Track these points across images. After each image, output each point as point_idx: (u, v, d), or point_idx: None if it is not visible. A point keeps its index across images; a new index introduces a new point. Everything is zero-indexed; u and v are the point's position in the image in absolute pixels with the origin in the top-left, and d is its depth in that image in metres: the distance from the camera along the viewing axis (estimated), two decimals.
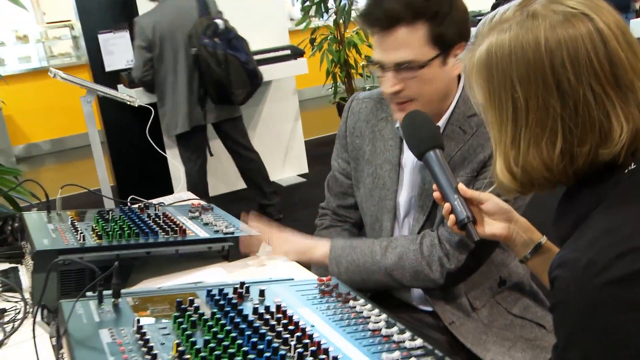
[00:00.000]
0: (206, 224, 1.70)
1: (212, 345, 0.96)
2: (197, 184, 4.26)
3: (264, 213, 4.35)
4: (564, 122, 0.87)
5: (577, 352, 0.87)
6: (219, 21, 3.96)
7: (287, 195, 4.78)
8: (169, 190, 4.49)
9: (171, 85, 4.03)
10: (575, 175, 0.91)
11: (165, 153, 4.47)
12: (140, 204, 1.84)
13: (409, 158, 1.59)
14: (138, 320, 1.04)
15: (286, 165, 5.29)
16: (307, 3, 5.65)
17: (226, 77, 3.91)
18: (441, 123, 1.52)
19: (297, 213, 4.62)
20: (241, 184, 4.78)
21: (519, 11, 0.91)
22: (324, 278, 1.31)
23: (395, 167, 1.60)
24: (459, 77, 1.51)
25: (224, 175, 4.99)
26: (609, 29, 0.87)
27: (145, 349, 0.96)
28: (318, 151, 6.09)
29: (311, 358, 0.94)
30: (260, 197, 4.48)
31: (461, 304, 1.57)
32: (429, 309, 1.62)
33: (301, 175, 5.48)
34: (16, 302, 1.47)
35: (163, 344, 1.00)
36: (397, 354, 0.99)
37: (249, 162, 4.43)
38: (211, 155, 4.37)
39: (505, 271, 1.62)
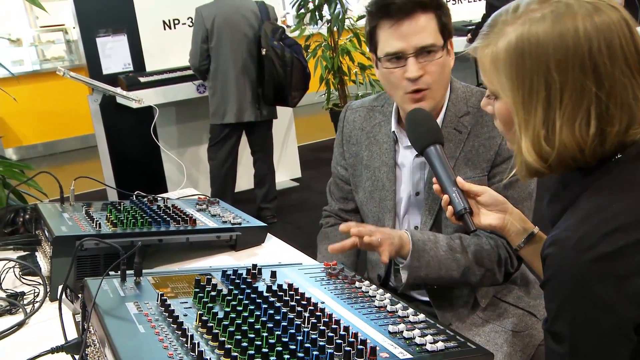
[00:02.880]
0: (214, 216, 1.78)
1: (232, 316, 1.04)
2: (228, 181, 4.44)
3: (260, 215, 4.45)
4: (600, 102, 0.94)
5: (566, 322, 0.95)
6: (284, 26, 4.22)
7: (280, 198, 4.86)
8: (164, 190, 4.57)
9: (224, 76, 4.21)
10: (603, 156, 0.98)
11: (163, 153, 4.55)
12: (148, 197, 1.92)
13: (406, 158, 1.68)
14: (161, 295, 1.12)
15: (280, 170, 5.37)
16: (302, 10, 5.74)
17: (288, 79, 4.12)
18: None
19: (291, 216, 4.71)
20: (240, 187, 4.86)
21: (546, 3, 0.98)
22: (330, 263, 1.40)
23: (392, 169, 1.68)
24: None
25: None
26: (631, 19, 0.96)
27: (170, 319, 1.04)
28: (311, 156, 6.18)
29: (324, 328, 1.02)
30: (260, 199, 4.58)
31: (468, 302, 1.64)
32: (426, 298, 1.71)
33: (294, 180, 5.57)
34: (35, 285, 1.54)
35: (186, 315, 1.08)
36: (402, 326, 1.07)
37: (268, 165, 4.58)
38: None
39: None
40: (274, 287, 1.20)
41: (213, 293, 1.14)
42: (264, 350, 0.92)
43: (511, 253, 1.56)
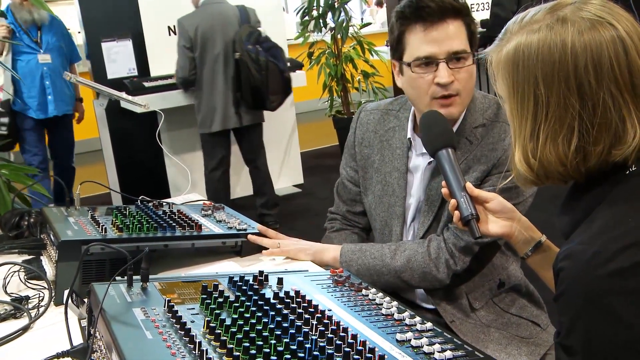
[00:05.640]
0: (219, 221, 1.78)
1: (240, 322, 1.03)
2: (221, 189, 4.42)
3: (262, 221, 4.45)
4: (582, 121, 0.94)
5: (580, 337, 0.94)
6: (261, 29, 4.19)
7: (283, 205, 4.86)
8: (167, 195, 4.57)
9: (209, 85, 4.20)
10: (587, 173, 0.98)
11: (168, 157, 4.56)
12: (154, 202, 1.92)
13: (418, 164, 1.67)
14: (168, 301, 1.12)
15: (282, 176, 5.37)
16: (306, 18, 5.76)
17: (264, 83, 4.10)
18: None
19: (293, 222, 4.70)
20: (241, 193, 4.85)
21: (549, 15, 0.98)
22: (337, 270, 1.39)
23: (403, 175, 1.68)
24: None
25: None
26: (631, 40, 0.94)
27: (178, 325, 1.04)
28: (313, 162, 6.19)
29: (332, 336, 1.01)
30: (261, 206, 4.57)
31: (462, 304, 1.65)
32: (432, 306, 1.70)
33: (297, 186, 5.57)
34: (40, 289, 1.53)
35: (193, 322, 1.07)
36: (409, 334, 1.07)
37: (263, 173, 4.56)
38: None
39: (504, 274, 1.70)
40: (281, 294, 1.20)
41: (220, 299, 1.14)
42: (273, 358, 0.92)
43: (455, 253, 1.57)
